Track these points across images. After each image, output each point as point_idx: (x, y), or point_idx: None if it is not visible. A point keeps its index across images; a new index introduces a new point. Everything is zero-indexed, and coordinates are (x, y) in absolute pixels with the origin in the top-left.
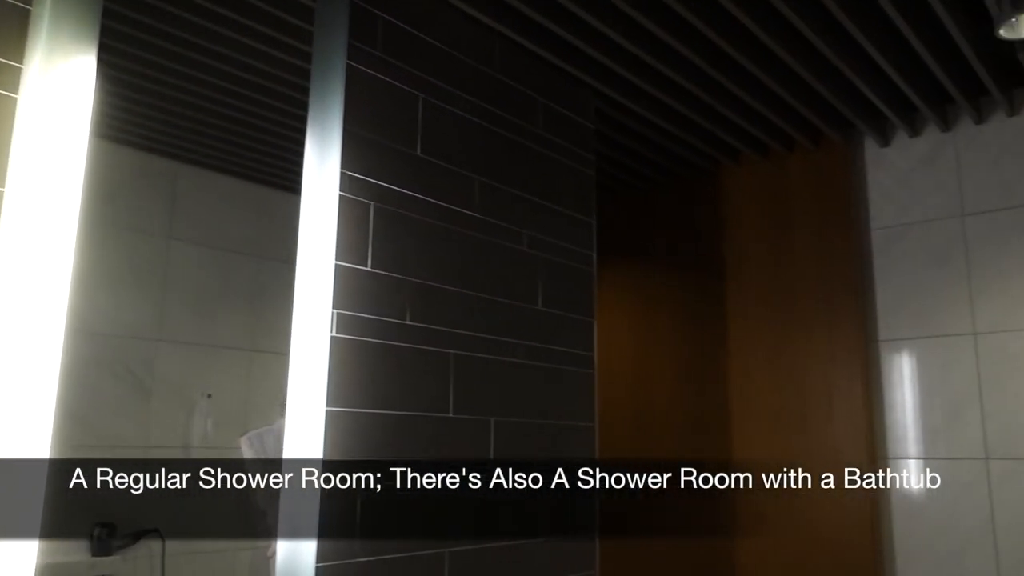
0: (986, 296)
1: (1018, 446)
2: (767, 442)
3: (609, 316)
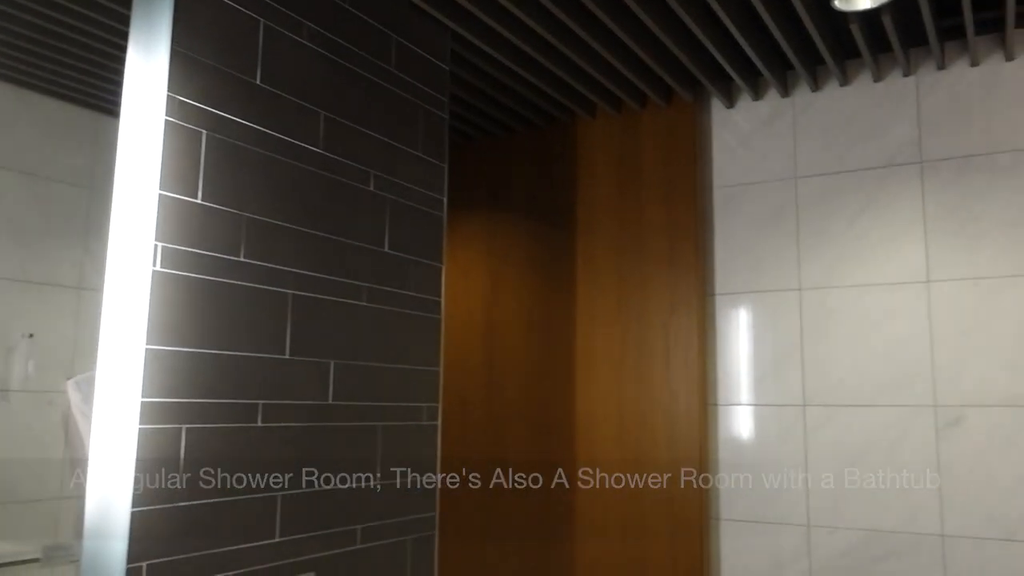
0: (811, 255)
1: (830, 394)
2: (608, 389)
3: (463, 263)
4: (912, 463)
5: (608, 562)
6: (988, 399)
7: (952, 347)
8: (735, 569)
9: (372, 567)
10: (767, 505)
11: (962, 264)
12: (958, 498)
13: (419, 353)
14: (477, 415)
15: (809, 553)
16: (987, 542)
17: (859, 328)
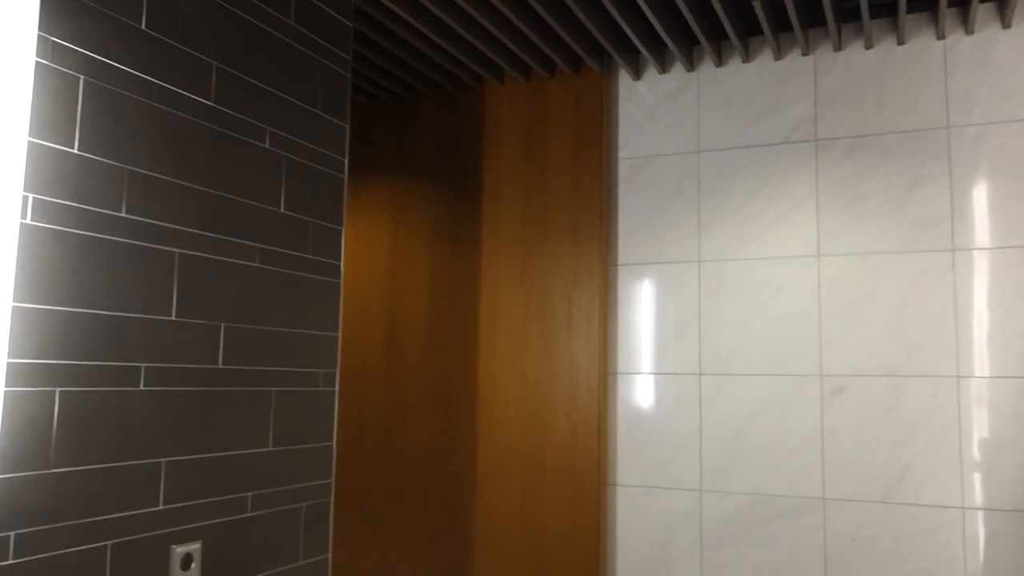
0: (711, 228)
1: (725, 363)
2: (510, 357)
3: (366, 227)
4: (798, 430)
5: (507, 527)
6: (869, 369)
7: (838, 319)
8: (630, 533)
9: (263, 535)
10: (662, 471)
11: (850, 240)
12: (839, 463)
13: (317, 318)
14: (378, 381)
15: (700, 516)
16: (864, 504)
17: (753, 300)
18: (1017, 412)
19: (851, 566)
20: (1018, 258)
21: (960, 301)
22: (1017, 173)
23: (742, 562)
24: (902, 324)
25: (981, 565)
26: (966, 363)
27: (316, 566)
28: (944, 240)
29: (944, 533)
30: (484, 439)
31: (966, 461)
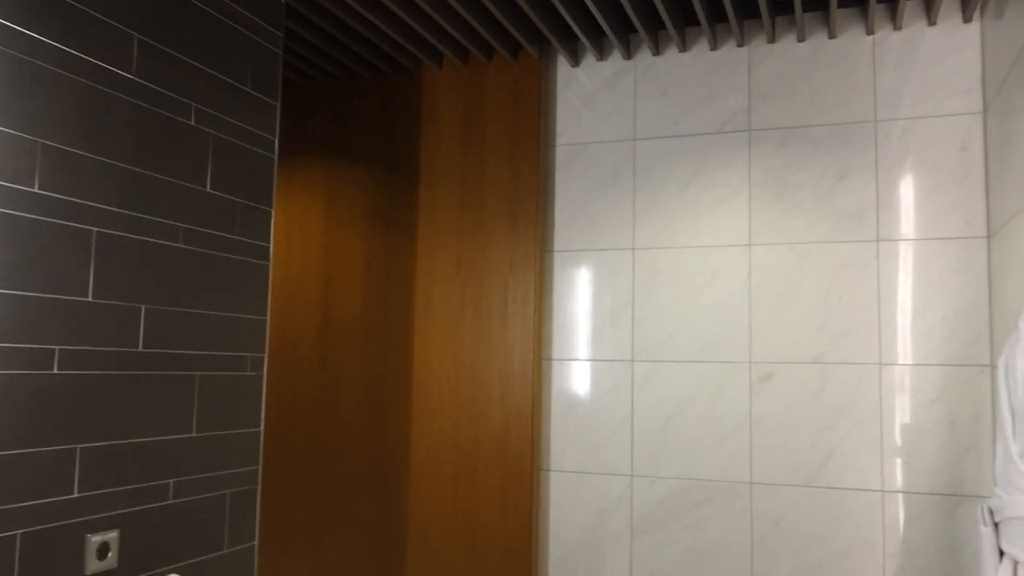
0: (646, 216)
1: (657, 350)
2: (445, 343)
3: (299, 210)
4: (727, 416)
5: (440, 513)
6: (796, 357)
7: (767, 308)
8: (562, 518)
9: (186, 523)
10: (595, 456)
11: (780, 230)
12: (766, 448)
13: (244, 300)
14: (311, 366)
15: (632, 501)
16: (789, 488)
17: (686, 288)
18: (935, 399)
19: (776, 548)
20: (938, 249)
21: (884, 291)
22: (939, 167)
23: (672, 546)
24: (828, 313)
25: (899, 546)
26: (888, 351)
27: (241, 554)
28: (869, 231)
29: (864, 515)
30: (418, 425)
31: (886, 446)
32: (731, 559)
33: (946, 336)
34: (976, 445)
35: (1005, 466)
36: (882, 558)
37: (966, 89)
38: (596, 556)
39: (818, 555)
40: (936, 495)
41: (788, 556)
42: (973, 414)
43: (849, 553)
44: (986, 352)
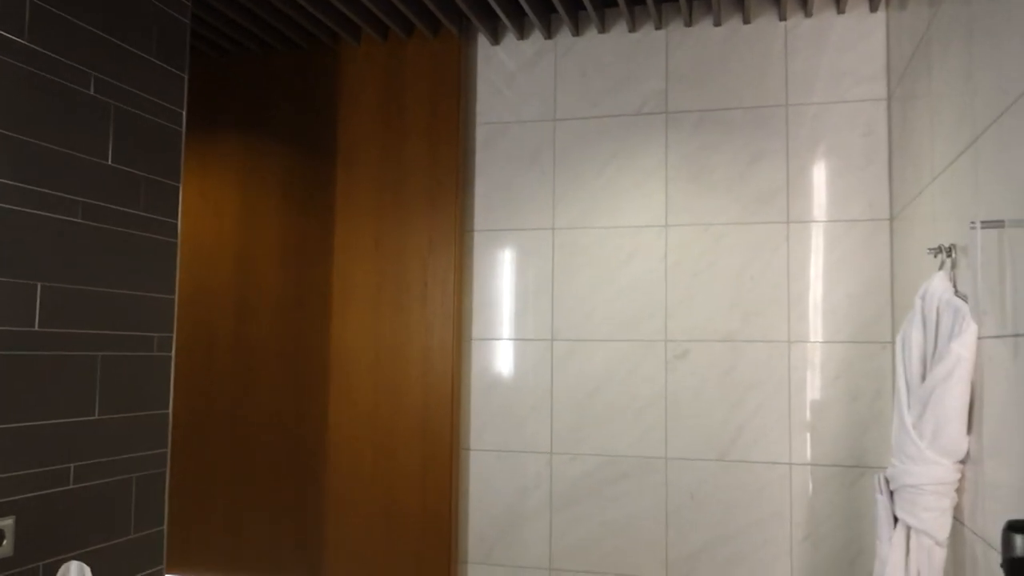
0: (566, 196)
1: (576, 329)
2: (364, 323)
3: (213, 187)
4: (643, 393)
5: (359, 493)
6: (710, 334)
7: (683, 287)
8: (482, 496)
9: (89, 509)
10: (514, 434)
11: (695, 211)
12: (681, 424)
13: (151, 279)
14: (226, 347)
15: (551, 478)
16: (703, 463)
17: (605, 268)
18: (840, 374)
19: (690, 520)
20: (845, 231)
21: (793, 270)
22: (846, 152)
23: (590, 521)
24: (741, 292)
25: (805, 515)
26: (797, 329)
27: (150, 539)
28: (780, 213)
29: (773, 488)
30: (336, 405)
31: (794, 421)
32: (647, 532)
33: (850, 314)
34: (877, 419)
35: (900, 437)
36: (790, 528)
37: (872, 76)
38: (515, 532)
39: (731, 526)
40: (840, 467)
41: (702, 528)
42: (875, 389)
43: (760, 523)
44: (888, 329)
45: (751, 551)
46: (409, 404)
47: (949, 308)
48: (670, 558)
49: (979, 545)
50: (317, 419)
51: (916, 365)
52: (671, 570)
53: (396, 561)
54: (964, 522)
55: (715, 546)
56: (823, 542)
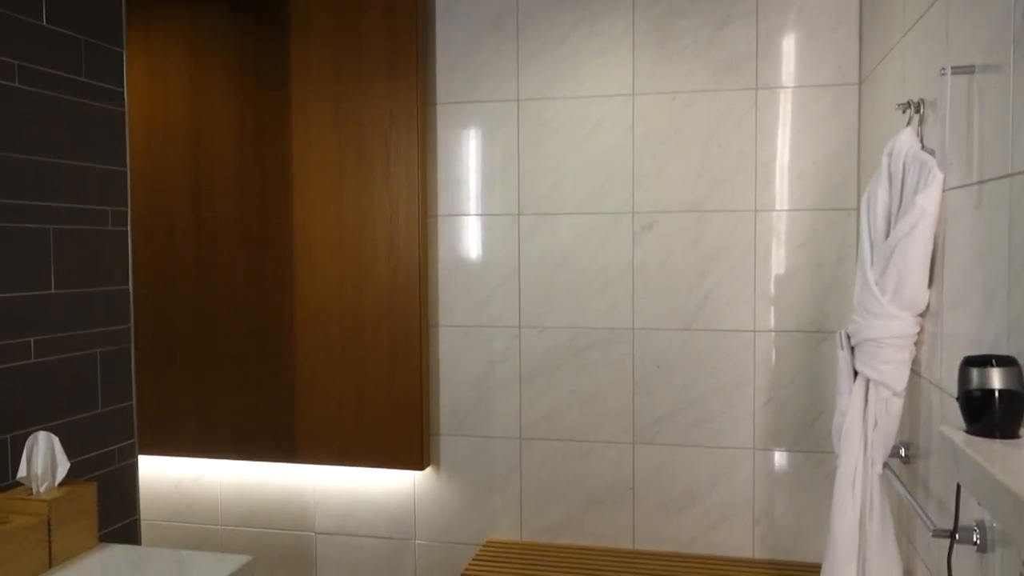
0: (530, 66)
1: (542, 202)
2: (327, 201)
3: (160, 62)
4: (611, 265)
5: (328, 374)
6: (676, 205)
7: (650, 157)
8: (452, 371)
9: (53, 383)
10: (483, 310)
11: (662, 79)
12: (647, 295)
13: (99, 150)
14: (185, 229)
15: (520, 351)
16: (669, 332)
17: (571, 139)
18: (804, 242)
19: (657, 388)
20: (812, 96)
21: (761, 138)
22: (817, 13)
23: (558, 391)
24: (708, 161)
25: (768, 380)
26: (764, 197)
27: (119, 413)
28: (748, 79)
29: (738, 354)
30: (301, 286)
31: (759, 288)
32: (614, 400)
33: (816, 181)
34: (839, 285)
35: (862, 293)
36: (753, 392)
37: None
38: (486, 404)
39: (695, 392)
40: (802, 332)
41: (668, 394)
42: (838, 256)
43: (724, 389)
44: (853, 196)
45: (715, 415)
46: (375, 283)
47: (915, 162)
48: (636, 424)
49: (935, 394)
50: (283, 300)
51: (881, 223)
52: (637, 435)
53: (369, 437)
54: (921, 373)
55: (680, 411)
56: (785, 405)
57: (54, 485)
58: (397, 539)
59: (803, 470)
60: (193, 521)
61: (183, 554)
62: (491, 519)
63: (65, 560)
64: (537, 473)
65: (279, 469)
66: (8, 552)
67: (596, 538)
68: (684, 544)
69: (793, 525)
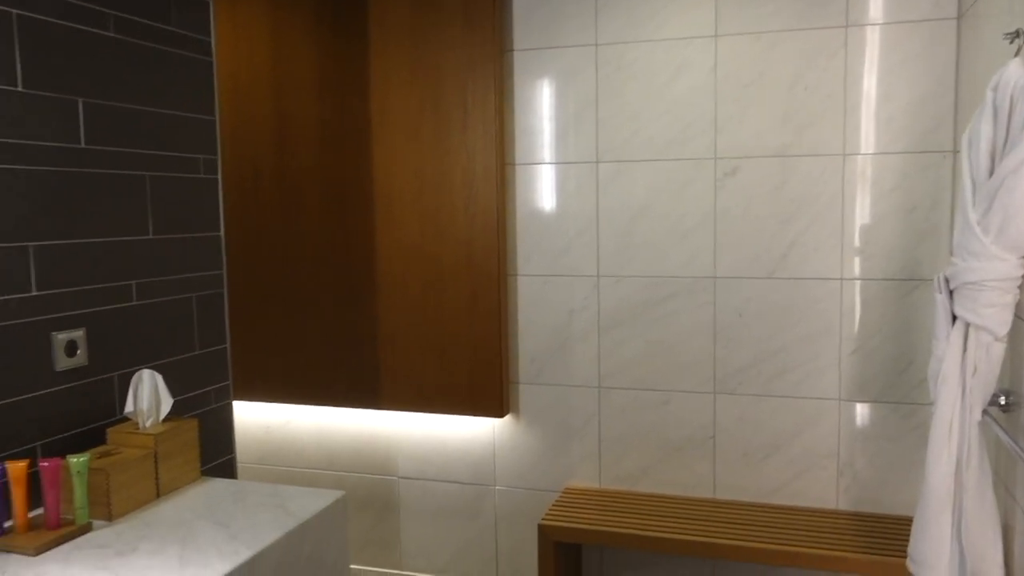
0: (608, 9)
1: (621, 149)
2: (405, 151)
3: (243, 16)
4: (692, 213)
5: (410, 323)
6: (760, 150)
7: (733, 101)
8: (531, 320)
9: (153, 324)
10: (561, 259)
11: (747, 18)
12: (729, 243)
13: (188, 98)
14: (269, 181)
15: (599, 300)
16: (752, 280)
17: (651, 84)
18: (895, 186)
19: (738, 337)
20: (906, 33)
21: (850, 78)
22: None
23: (637, 340)
24: (794, 103)
25: (855, 329)
26: (853, 141)
27: (214, 355)
28: (838, 16)
29: (824, 303)
30: (382, 235)
31: (847, 235)
32: (695, 349)
33: (908, 123)
34: (934, 231)
35: (963, 234)
36: (839, 341)
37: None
38: (564, 354)
39: (779, 341)
40: (893, 280)
41: (750, 343)
42: (932, 200)
43: (808, 338)
44: (948, 138)
45: (799, 364)
46: (454, 233)
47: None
48: (717, 374)
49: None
50: (364, 249)
51: (984, 160)
52: (718, 385)
53: (449, 385)
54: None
55: (763, 361)
56: (872, 355)
57: (159, 420)
58: (477, 485)
59: (891, 421)
60: (281, 464)
61: (280, 488)
62: (570, 466)
63: (171, 491)
64: (616, 421)
65: (362, 415)
66: (121, 481)
67: (675, 487)
68: (766, 494)
69: (879, 477)
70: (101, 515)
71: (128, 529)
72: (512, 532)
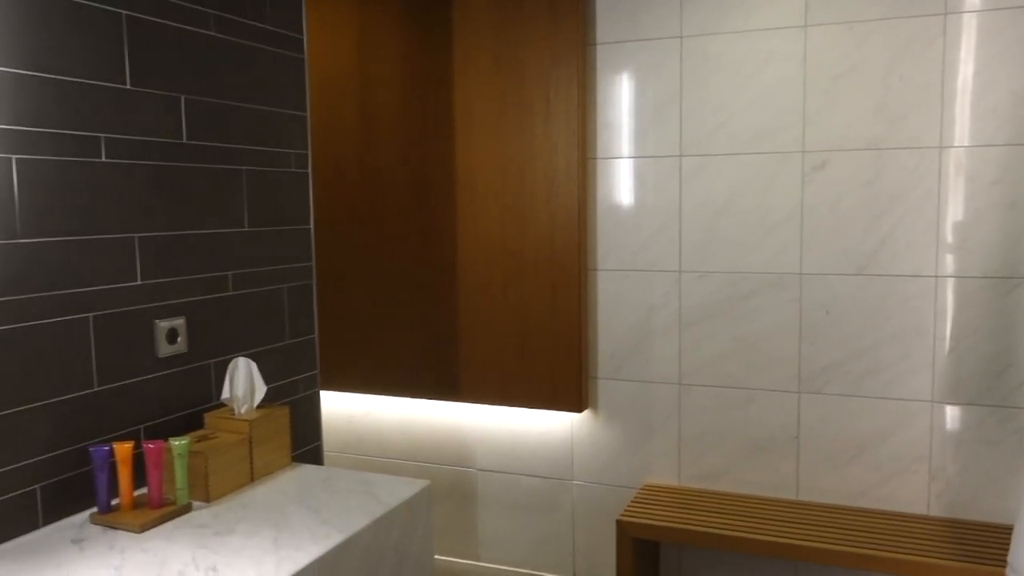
0: (694, 1)
1: (705, 143)
2: (488, 144)
3: (332, 13)
4: (777, 207)
5: (490, 315)
6: (851, 143)
7: (823, 92)
8: (611, 315)
9: (247, 313)
10: (642, 254)
11: (838, 7)
12: (817, 238)
13: (282, 94)
14: (353, 174)
15: (680, 296)
16: (840, 277)
17: (737, 76)
18: (996, 180)
19: (825, 335)
20: (1009, 20)
21: (948, 68)
22: None
23: (720, 337)
24: (887, 95)
25: (950, 328)
26: (948, 132)
27: (303, 346)
28: (936, 4)
29: (917, 300)
30: (464, 230)
31: (942, 231)
32: (779, 347)
33: (1012, 114)
34: None
35: None
36: (932, 341)
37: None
38: (645, 350)
39: (869, 340)
40: (991, 278)
41: (838, 341)
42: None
43: (899, 337)
44: None
45: (889, 364)
46: (535, 226)
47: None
48: (803, 373)
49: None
50: (445, 241)
51: None
52: (804, 384)
53: (528, 379)
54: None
55: (851, 360)
56: (968, 356)
57: (253, 407)
58: (555, 479)
59: (988, 425)
60: (362, 453)
61: (368, 475)
62: (648, 463)
63: (264, 475)
64: (696, 419)
65: (443, 407)
66: (218, 464)
67: (757, 487)
68: (852, 497)
69: (974, 483)
70: (199, 496)
71: (225, 511)
72: (589, 528)
